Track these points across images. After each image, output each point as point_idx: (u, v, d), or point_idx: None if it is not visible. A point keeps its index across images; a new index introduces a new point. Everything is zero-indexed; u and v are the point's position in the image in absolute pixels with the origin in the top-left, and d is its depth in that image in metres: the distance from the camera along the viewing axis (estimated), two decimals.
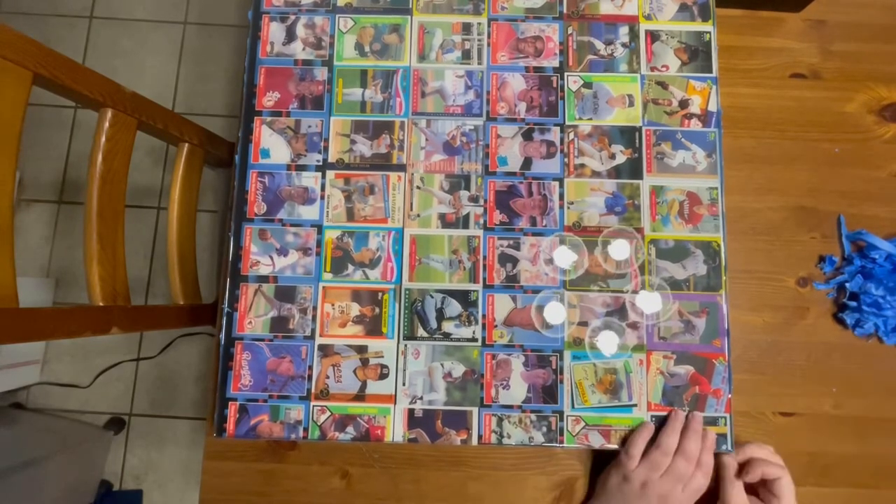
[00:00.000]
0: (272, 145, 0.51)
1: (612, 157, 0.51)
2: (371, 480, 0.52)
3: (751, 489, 0.47)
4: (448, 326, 0.49)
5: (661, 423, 0.47)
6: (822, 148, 0.58)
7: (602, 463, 0.51)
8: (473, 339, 0.48)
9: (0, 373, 1.12)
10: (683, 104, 0.52)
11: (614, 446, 0.47)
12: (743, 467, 0.47)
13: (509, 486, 0.52)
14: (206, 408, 0.92)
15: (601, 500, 0.48)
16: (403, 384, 0.48)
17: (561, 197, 0.50)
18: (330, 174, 0.51)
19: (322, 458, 0.52)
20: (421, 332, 0.49)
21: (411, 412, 0.48)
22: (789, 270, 0.56)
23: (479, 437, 0.47)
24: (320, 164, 0.51)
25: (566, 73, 0.52)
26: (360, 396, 0.48)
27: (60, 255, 1.29)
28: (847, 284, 0.55)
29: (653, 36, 0.53)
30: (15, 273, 0.46)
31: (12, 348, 1.14)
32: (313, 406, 0.48)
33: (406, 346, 0.48)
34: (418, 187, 0.51)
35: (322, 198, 0.51)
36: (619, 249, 0.50)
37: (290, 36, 0.53)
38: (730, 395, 0.48)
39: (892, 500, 0.51)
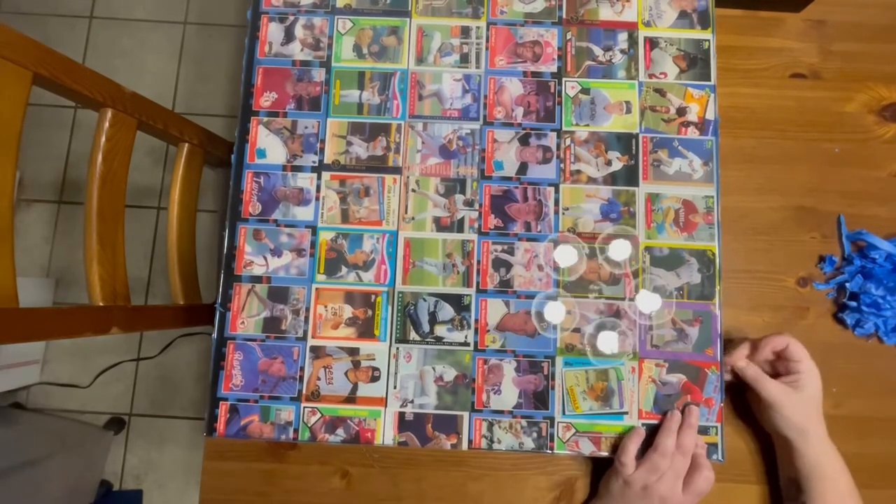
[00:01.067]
0: (268, 145, 0.51)
1: (609, 163, 0.51)
2: (371, 480, 0.52)
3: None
4: (440, 330, 0.48)
5: (653, 429, 0.47)
6: (822, 148, 0.58)
7: (602, 463, 0.50)
8: (466, 344, 0.48)
9: (0, 373, 1.12)
10: (681, 112, 0.52)
11: (605, 454, 0.47)
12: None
13: (509, 486, 0.52)
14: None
15: (604, 501, 0.48)
16: (395, 387, 0.48)
17: (556, 202, 0.50)
18: (325, 175, 0.51)
19: (322, 458, 0.52)
20: (413, 335, 0.48)
21: (402, 415, 0.47)
22: (789, 270, 0.56)
23: (470, 441, 0.47)
24: (316, 165, 0.51)
25: (564, 79, 0.52)
26: (350, 398, 0.48)
27: (60, 255, 1.30)
28: (847, 284, 0.55)
29: (652, 43, 0.53)
30: (15, 273, 0.46)
31: (12, 348, 1.15)
32: (304, 407, 0.48)
33: (398, 349, 0.48)
34: (413, 190, 0.50)
35: (317, 199, 0.50)
36: (614, 255, 0.49)
37: (289, 36, 0.53)
38: (721, 405, 0.47)
39: (892, 499, 0.51)
